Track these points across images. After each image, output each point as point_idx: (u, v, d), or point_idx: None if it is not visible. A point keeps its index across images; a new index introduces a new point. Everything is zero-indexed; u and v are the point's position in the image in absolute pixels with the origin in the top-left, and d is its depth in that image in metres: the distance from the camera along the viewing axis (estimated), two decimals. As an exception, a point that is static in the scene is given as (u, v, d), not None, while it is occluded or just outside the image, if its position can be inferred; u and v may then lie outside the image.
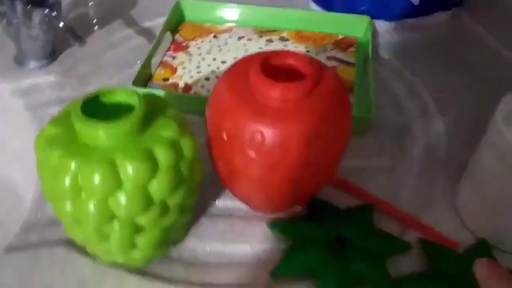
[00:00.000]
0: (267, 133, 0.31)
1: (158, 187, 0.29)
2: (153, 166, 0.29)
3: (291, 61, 0.33)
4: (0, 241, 0.49)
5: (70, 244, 0.37)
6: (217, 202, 0.41)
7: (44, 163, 0.30)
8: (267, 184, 0.34)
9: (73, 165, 0.28)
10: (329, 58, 0.54)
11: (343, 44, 0.57)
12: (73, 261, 0.36)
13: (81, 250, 0.36)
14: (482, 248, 0.37)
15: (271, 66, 0.33)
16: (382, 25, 0.60)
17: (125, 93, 0.31)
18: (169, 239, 0.35)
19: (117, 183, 0.28)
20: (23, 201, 0.52)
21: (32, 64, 0.52)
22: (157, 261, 0.36)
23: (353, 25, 0.58)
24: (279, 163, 0.32)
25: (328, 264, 0.35)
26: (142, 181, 0.29)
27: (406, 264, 0.36)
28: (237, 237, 0.38)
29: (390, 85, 0.53)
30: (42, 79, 0.52)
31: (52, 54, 0.54)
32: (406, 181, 0.43)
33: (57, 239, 0.37)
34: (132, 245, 0.32)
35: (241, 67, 0.34)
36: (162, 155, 0.29)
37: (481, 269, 0.27)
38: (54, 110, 0.48)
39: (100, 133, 0.28)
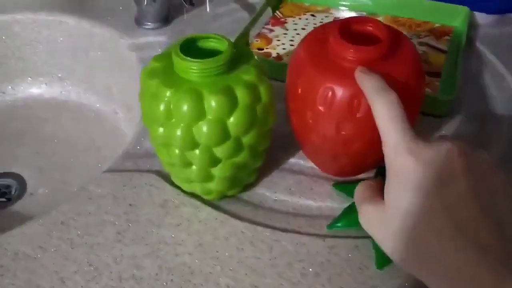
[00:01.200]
0: (337, 90, 0.34)
1: (235, 123, 0.34)
2: (233, 102, 0.33)
3: (369, 27, 0.36)
4: (103, 165, 0.57)
5: (159, 173, 0.43)
6: (289, 159, 0.44)
7: (145, 91, 0.35)
8: (333, 142, 0.36)
9: (167, 93, 0.33)
10: (421, 43, 0.55)
11: (438, 32, 0.57)
12: (159, 186, 0.42)
13: (167, 179, 0.42)
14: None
15: (350, 32, 0.36)
16: (482, 18, 0.59)
17: (217, 38, 0.36)
18: (241, 179, 0.39)
19: (201, 113, 0.33)
20: (125, 137, 0.60)
21: (149, 25, 0.60)
22: (228, 200, 0.41)
23: (450, 15, 0.58)
24: (346, 121, 0.34)
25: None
26: (222, 114, 0.33)
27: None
28: (303, 192, 0.42)
29: (480, 76, 0.53)
30: (154, 38, 0.59)
31: (165, 19, 0.61)
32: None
33: (149, 169, 0.43)
34: (209, 176, 0.37)
35: (321, 31, 0.37)
36: (242, 94, 0.33)
37: None
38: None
39: (192, 68, 0.33)
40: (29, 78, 0.67)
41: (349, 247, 0.37)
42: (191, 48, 0.35)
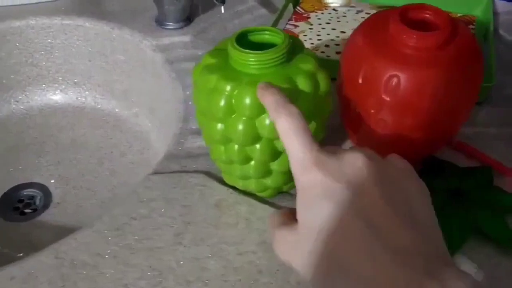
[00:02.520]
0: (402, 78, 0.33)
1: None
2: (295, 92, 0.33)
3: (428, 15, 0.36)
4: (129, 176, 0.56)
5: (208, 173, 0.42)
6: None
7: (201, 87, 0.34)
8: (395, 130, 0.36)
9: (228, 87, 0.32)
10: (446, 34, 0.56)
11: (462, 22, 0.57)
12: (210, 186, 0.41)
13: (217, 179, 0.41)
14: None
15: (408, 19, 0.36)
16: (502, 6, 0.60)
17: (271, 31, 0.35)
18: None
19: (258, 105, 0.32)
20: (149, 141, 0.59)
21: (171, 25, 0.59)
22: (281, 197, 0.40)
23: (472, 4, 0.59)
24: (410, 109, 0.34)
25: (447, 211, 0.36)
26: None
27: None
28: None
29: (509, 60, 0.53)
30: (178, 38, 0.58)
31: (187, 18, 0.60)
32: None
33: (196, 169, 0.42)
34: (267, 171, 0.36)
35: (377, 19, 0.37)
36: (303, 84, 0.33)
37: None
38: (187, 65, 0.54)
39: (251, 61, 0.33)
40: (43, 85, 0.65)
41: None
42: (243, 42, 0.35)
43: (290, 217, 0.29)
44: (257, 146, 0.34)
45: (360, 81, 0.35)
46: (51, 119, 0.64)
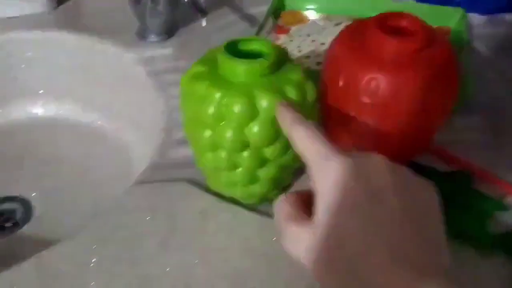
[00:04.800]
0: (381, 79, 0.34)
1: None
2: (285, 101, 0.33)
3: (405, 22, 0.37)
4: (111, 189, 0.56)
5: (192, 182, 0.42)
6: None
7: (190, 95, 0.35)
8: (376, 133, 0.37)
9: (217, 95, 0.33)
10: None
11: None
12: (194, 194, 0.41)
13: (202, 186, 0.41)
14: None
15: (386, 26, 0.37)
16: (475, 19, 0.62)
17: (259, 41, 0.36)
18: (282, 181, 0.39)
19: (253, 113, 0.33)
20: (132, 152, 0.59)
21: (153, 38, 0.59)
22: (266, 204, 0.40)
23: (446, 17, 0.61)
24: (390, 110, 0.35)
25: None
26: (274, 114, 0.33)
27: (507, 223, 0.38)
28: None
29: (482, 73, 0.55)
30: (161, 51, 0.58)
31: (169, 31, 0.60)
32: (501, 155, 0.45)
33: (180, 177, 0.42)
34: (254, 179, 0.36)
35: (355, 27, 0.38)
36: (292, 93, 0.33)
37: None
38: (169, 77, 0.54)
39: (241, 70, 0.33)
40: (24, 99, 0.64)
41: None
42: (231, 51, 0.35)
43: (301, 208, 0.28)
44: (245, 153, 0.35)
45: (340, 84, 0.36)
46: (32, 133, 0.63)
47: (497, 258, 0.36)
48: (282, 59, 0.36)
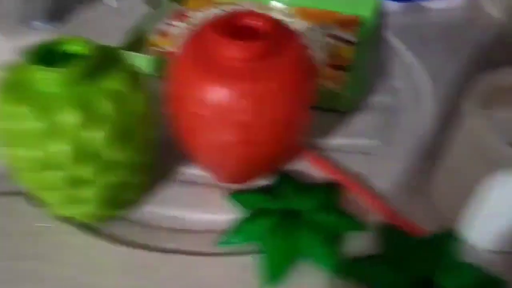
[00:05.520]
0: (214, 91, 0.31)
1: (99, 138, 0.29)
2: (92, 116, 0.29)
3: (251, 22, 0.33)
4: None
5: (21, 196, 0.37)
6: (180, 170, 0.41)
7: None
8: (218, 147, 0.33)
9: (20, 110, 0.29)
10: (329, 35, 0.53)
11: (347, 23, 0.55)
12: (22, 211, 0.37)
13: (33, 202, 0.37)
14: (446, 238, 0.35)
15: (235, 27, 0.33)
16: (391, 6, 0.57)
17: (77, 42, 0.32)
18: (122, 199, 0.35)
19: (54, 131, 0.28)
20: None
21: (38, 25, 0.54)
22: (112, 221, 0.36)
23: (360, 4, 0.56)
24: (227, 124, 0.31)
25: (274, 237, 0.34)
26: (80, 130, 0.29)
27: (363, 246, 0.35)
28: (195, 205, 0.38)
29: (389, 66, 0.51)
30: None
31: (56, 16, 0.55)
32: (385, 163, 0.41)
33: (4, 191, 0.38)
34: (79, 199, 0.32)
35: (202, 29, 0.34)
36: (104, 106, 0.29)
37: None
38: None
39: (46, 78, 0.29)
40: None
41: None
42: (56, 52, 0.31)
43: None
44: (58, 173, 0.30)
45: (176, 95, 0.32)
46: None
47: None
48: (109, 64, 0.31)
